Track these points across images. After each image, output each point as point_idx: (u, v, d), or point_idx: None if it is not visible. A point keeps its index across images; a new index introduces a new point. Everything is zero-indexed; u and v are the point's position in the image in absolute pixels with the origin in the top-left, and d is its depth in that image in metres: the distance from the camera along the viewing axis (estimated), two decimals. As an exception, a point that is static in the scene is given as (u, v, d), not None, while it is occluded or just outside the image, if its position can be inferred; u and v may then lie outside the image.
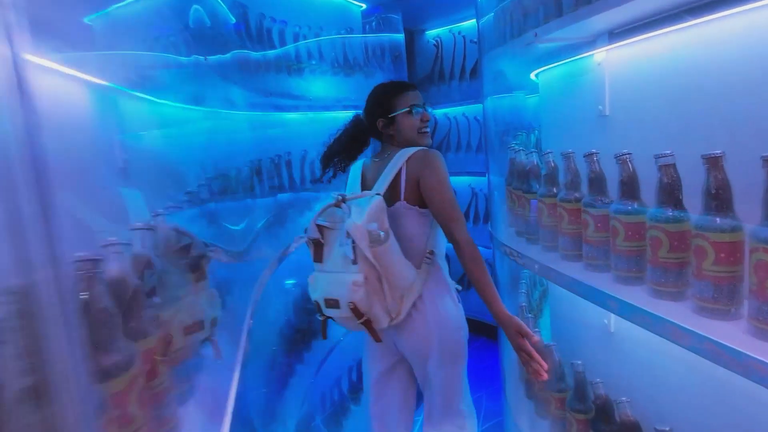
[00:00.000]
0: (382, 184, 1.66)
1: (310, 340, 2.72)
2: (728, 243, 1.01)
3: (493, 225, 2.51)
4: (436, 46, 4.86)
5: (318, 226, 1.60)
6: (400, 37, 4.55)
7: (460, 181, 4.50)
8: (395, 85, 1.82)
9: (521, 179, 1.92)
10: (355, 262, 1.51)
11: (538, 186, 1.75)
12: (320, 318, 1.64)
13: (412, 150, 1.69)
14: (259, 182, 2.26)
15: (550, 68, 1.96)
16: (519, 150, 1.94)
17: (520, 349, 1.51)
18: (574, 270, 1.48)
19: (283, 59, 2.53)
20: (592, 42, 1.49)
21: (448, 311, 1.70)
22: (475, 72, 4.55)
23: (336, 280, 1.54)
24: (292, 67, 2.61)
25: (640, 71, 1.44)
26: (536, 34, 1.40)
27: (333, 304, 1.54)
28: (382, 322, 1.58)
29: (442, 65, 4.84)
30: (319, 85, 2.86)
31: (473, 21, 4.59)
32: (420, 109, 1.77)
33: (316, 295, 1.59)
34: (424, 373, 1.74)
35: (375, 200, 1.54)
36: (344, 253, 1.52)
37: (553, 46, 1.61)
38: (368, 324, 1.56)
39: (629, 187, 1.29)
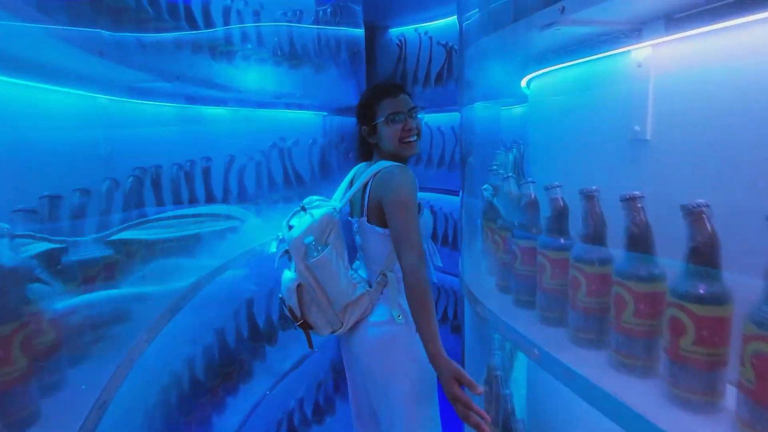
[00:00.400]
0: (345, 197, 1.65)
1: (223, 398, 2.13)
2: None
3: (462, 263, 2.02)
4: (400, 46, 4.37)
5: (289, 226, 1.61)
6: (360, 32, 4.05)
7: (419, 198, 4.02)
8: (379, 89, 1.68)
9: (509, 217, 1.43)
10: (294, 270, 1.57)
11: (536, 231, 1.26)
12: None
13: (382, 165, 1.59)
14: (155, 198, 1.66)
15: (552, 71, 1.48)
16: (507, 176, 1.46)
17: (455, 400, 1.30)
18: (596, 366, 0.99)
19: (204, 38, 1.95)
20: (636, 31, 1.01)
21: (399, 338, 1.57)
22: (441, 78, 4.11)
23: (285, 282, 1.61)
24: (218, 49, 2.03)
25: (707, 78, 0.97)
26: (563, 9, 0.90)
27: (283, 302, 1.64)
28: (322, 330, 1.62)
29: (404, 68, 4.35)
30: (254, 75, 2.28)
31: (441, 21, 4.14)
32: (400, 117, 1.60)
33: (280, 290, 1.66)
34: (375, 398, 1.66)
35: (321, 213, 1.56)
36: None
37: (570, 36, 1.13)
38: (304, 328, 1.62)
39: (706, 259, 0.81)
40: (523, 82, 1.75)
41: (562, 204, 1.16)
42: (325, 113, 3.16)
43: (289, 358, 2.67)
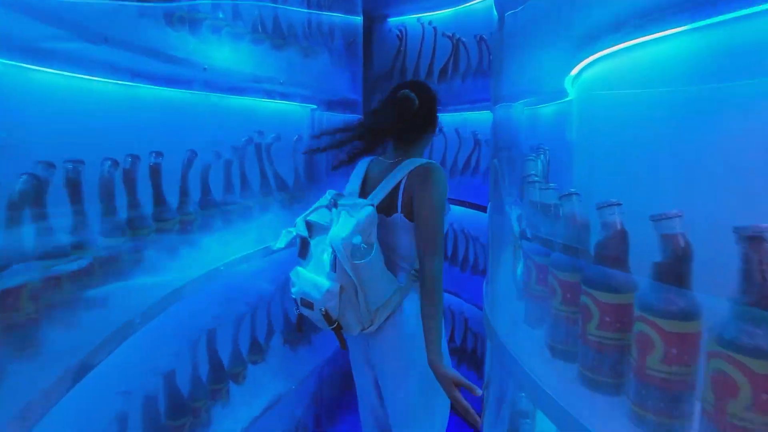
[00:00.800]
0: (380, 194, 1.60)
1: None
2: None
3: (488, 297, 1.59)
4: (400, 38, 3.94)
5: (307, 222, 1.59)
6: (358, 19, 3.64)
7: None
8: None
9: (571, 248, 1.00)
10: (333, 270, 1.48)
11: (628, 281, 0.83)
12: (296, 312, 1.62)
13: (418, 162, 1.59)
14: (72, 205, 1.20)
15: (631, 48, 1.05)
16: (570, 194, 1.02)
17: (455, 401, 1.42)
18: None
19: (159, -4, 1.49)
20: None
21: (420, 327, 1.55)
22: (445, 73, 3.68)
23: (313, 283, 1.52)
24: (177, 14, 1.57)
25: None
26: None
27: (307, 305, 1.55)
28: (353, 330, 1.57)
29: (404, 61, 3.91)
30: (226, 52, 1.83)
31: (448, 10, 3.71)
32: None
33: (295, 290, 1.58)
34: (389, 392, 1.67)
35: (367, 212, 1.50)
36: (324, 260, 1.50)
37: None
38: (337, 331, 1.55)
39: None
40: (579, 68, 1.32)
41: (683, 244, 0.73)
42: (314, 106, 2.71)
43: (261, 398, 2.21)
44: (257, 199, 2.08)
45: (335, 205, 1.53)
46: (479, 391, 1.37)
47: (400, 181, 1.56)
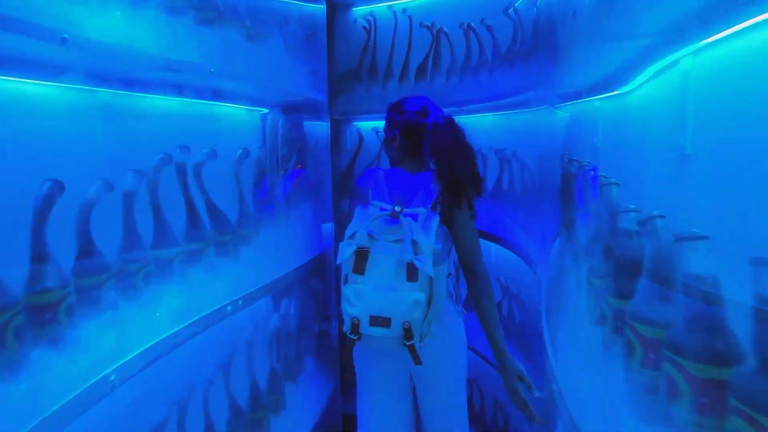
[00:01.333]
0: (427, 201, 1.57)
1: None
2: None
3: (561, 374, 0.97)
4: (368, 30, 3.33)
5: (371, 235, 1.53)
6: (320, 8, 3.02)
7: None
8: None
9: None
10: (415, 279, 1.45)
11: None
12: (353, 337, 1.48)
13: None
14: None
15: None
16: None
17: (515, 393, 1.52)
18: None
19: None
20: None
21: (460, 331, 1.68)
22: (424, 70, 3.11)
23: (391, 297, 1.45)
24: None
25: None
26: None
27: (382, 322, 1.46)
28: (416, 343, 1.50)
29: (374, 57, 3.32)
30: (116, 20, 1.14)
31: (426, -4, 3.14)
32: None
33: (357, 310, 1.47)
34: (431, 394, 1.69)
35: (436, 218, 1.52)
36: (401, 269, 1.45)
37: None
38: (413, 348, 1.48)
39: None
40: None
41: None
42: (266, 110, 2.03)
43: None
44: (181, 248, 1.38)
45: (400, 213, 1.49)
46: (537, 393, 1.49)
47: (440, 191, 1.60)
